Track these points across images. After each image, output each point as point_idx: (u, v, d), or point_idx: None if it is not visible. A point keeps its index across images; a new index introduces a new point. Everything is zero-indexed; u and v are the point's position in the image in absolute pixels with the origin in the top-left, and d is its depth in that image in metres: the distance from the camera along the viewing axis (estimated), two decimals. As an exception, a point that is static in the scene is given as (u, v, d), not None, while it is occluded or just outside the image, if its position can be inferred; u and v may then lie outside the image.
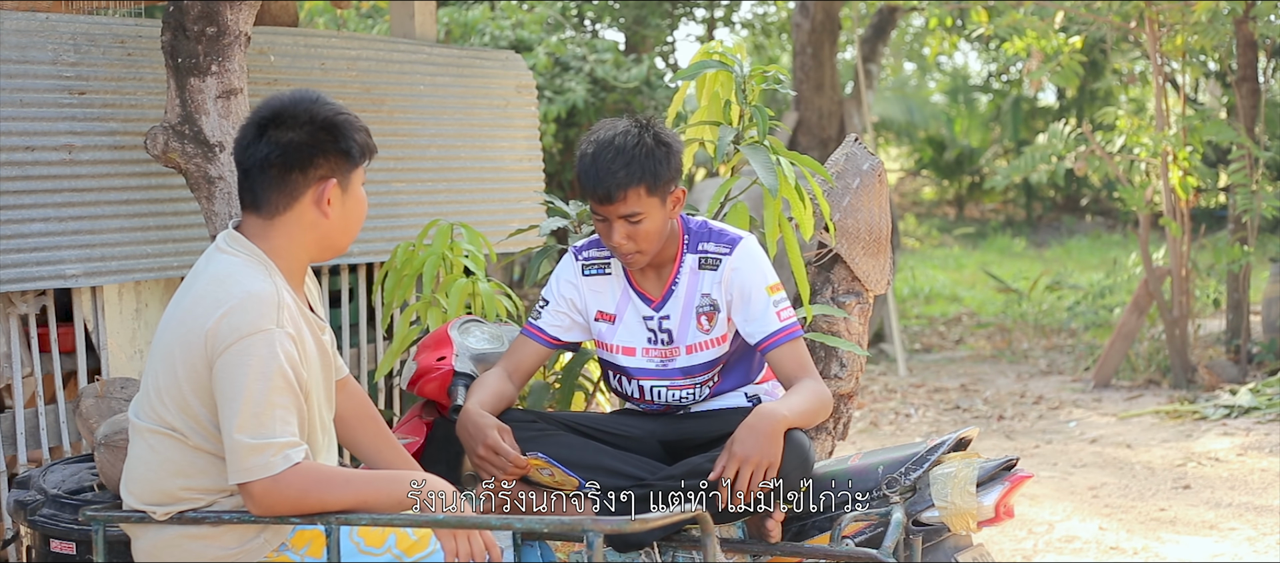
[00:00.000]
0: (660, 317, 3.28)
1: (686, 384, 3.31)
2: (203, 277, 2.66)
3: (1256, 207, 7.99)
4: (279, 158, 2.65)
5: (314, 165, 2.67)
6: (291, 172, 2.66)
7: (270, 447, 2.52)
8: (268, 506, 2.55)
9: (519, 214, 5.54)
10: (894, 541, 2.91)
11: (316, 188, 2.68)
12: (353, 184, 2.73)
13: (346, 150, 2.69)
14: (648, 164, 3.09)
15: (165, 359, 2.62)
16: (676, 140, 3.20)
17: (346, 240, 2.77)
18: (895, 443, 6.60)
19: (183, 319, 2.61)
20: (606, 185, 3.08)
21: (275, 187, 2.67)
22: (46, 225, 4.11)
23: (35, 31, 4.17)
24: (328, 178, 2.68)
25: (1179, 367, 8.38)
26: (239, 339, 2.53)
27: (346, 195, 2.72)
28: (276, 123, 2.67)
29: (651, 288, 3.30)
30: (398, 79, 5.26)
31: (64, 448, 4.27)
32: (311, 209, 2.69)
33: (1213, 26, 8.18)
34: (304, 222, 2.70)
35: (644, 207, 3.11)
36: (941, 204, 21.77)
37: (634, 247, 3.16)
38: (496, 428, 3.09)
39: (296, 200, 2.68)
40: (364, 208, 2.79)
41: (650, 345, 3.30)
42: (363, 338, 5.16)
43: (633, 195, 3.09)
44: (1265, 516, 5.48)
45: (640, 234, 3.14)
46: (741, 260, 3.23)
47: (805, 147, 10.87)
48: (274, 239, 2.69)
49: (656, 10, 13.20)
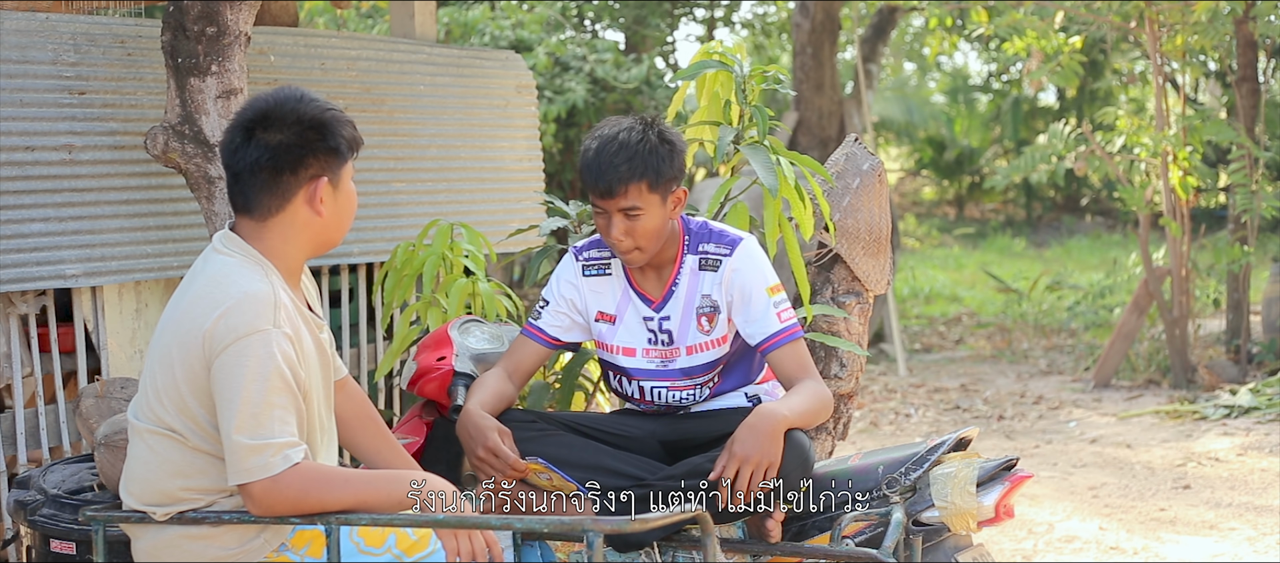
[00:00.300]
0: (660, 317, 3.28)
1: (687, 385, 3.31)
2: (200, 278, 2.65)
3: (1256, 207, 7.99)
4: (269, 161, 2.64)
5: (304, 165, 2.66)
6: (282, 174, 2.65)
7: (269, 447, 2.52)
8: (267, 506, 2.55)
9: (519, 214, 5.54)
10: (894, 541, 2.91)
11: (308, 188, 2.68)
12: (343, 179, 2.73)
13: (335, 147, 2.69)
14: (650, 160, 3.10)
15: (163, 361, 2.62)
16: (680, 140, 3.21)
17: (340, 235, 2.78)
18: (895, 443, 6.60)
19: (180, 321, 2.61)
20: (608, 179, 3.09)
21: (267, 189, 2.66)
22: (46, 225, 4.11)
23: (35, 31, 4.16)
24: (319, 177, 2.68)
25: (1179, 367, 8.38)
26: (236, 340, 2.53)
27: (338, 191, 2.72)
28: (263, 124, 2.66)
29: (652, 289, 3.30)
30: (398, 79, 5.26)
31: (64, 448, 4.26)
32: (304, 209, 2.69)
33: (1213, 26, 8.18)
34: (298, 221, 2.69)
35: (644, 202, 3.12)
36: (941, 204, 21.78)
37: (632, 243, 3.16)
38: (496, 431, 3.09)
39: (289, 201, 2.68)
40: (355, 201, 2.79)
41: (650, 346, 3.30)
42: (363, 338, 5.16)
43: (633, 190, 3.10)
44: (1265, 516, 5.48)
45: (639, 231, 3.14)
46: (742, 261, 3.23)
47: (805, 147, 10.86)
48: (269, 240, 2.69)
49: (656, 10, 13.21)
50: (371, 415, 3.03)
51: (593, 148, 3.14)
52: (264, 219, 2.69)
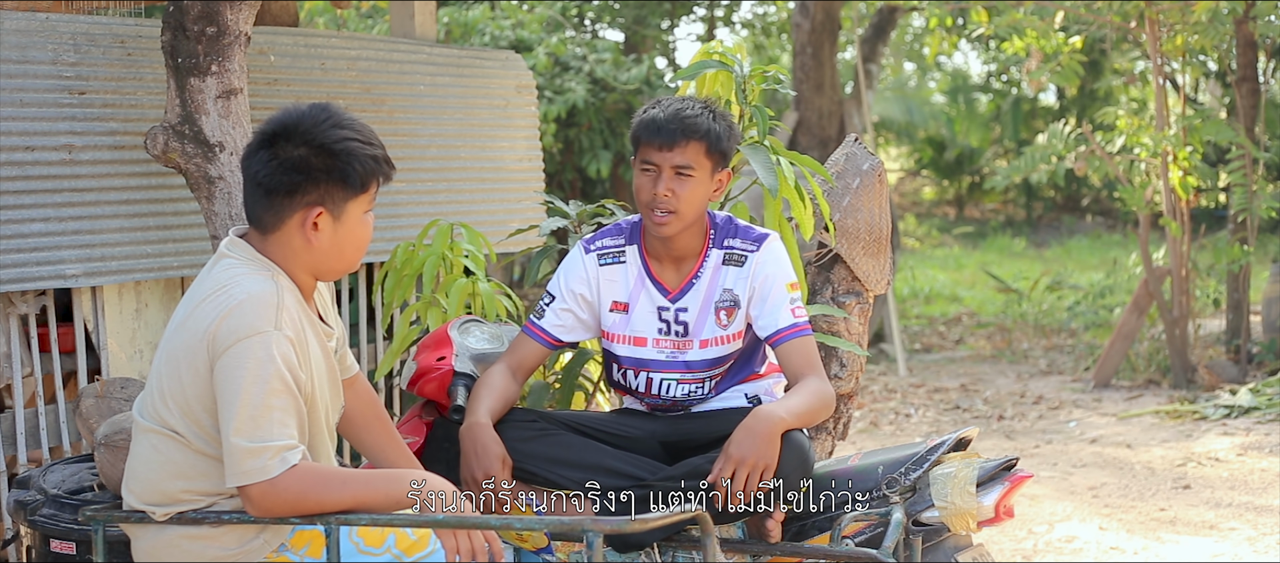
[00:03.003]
0: (677, 308, 3.28)
1: (693, 379, 3.31)
2: (206, 282, 2.66)
3: (1256, 207, 7.99)
4: (266, 178, 2.63)
5: (301, 191, 2.63)
6: (276, 194, 2.63)
7: (267, 450, 2.52)
8: (266, 508, 2.54)
9: (519, 214, 5.54)
10: (894, 541, 2.91)
11: (303, 213, 2.64)
12: (348, 212, 2.68)
13: (343, 178, 2.64)
14: (714, 127, 3.18)
15: (170, 362, 2.62)
16: (738, 129, 3.31)
17: (341, 266, 2.73)
18: (895, 443, 6.60)
19: (186, 323, 2.62)
20: (671, 129, 3.14)
21: (263, 206, 2.66)
22: (46, 225, 4.11)
23: (35, 31, 4.17)
24: (316, 205, 2.64)
25: (1179, 367, 8.38)
26: (236, 341, 2.53)
27: (339, 224, 2.68)
28: (280, 139, 2.63)
29: (670, 279, 3.31)
30: (398, 79, 5.26)
31: (64, 448, 4.27)
32: (298, 233, 2.66)
33: (1213, 26, 8.18)
34: (293, 244, 2.67)
35: (697, 165, 3.16)
36: (941, 204, 21.78)
37: (674, 204, 3.17)
38: (500, 459, 3.10)
39: (283, 222, 2.66)
40: (363, 237, 2.73)
41: (661, 336, 3.30)
42: (363, 338, 5.16)
43: (692, 148, 3.15)
44: (1265, 516, 5.48)
45: (684, 194, 3.16)
46: (767, 256, 3.26)
47: (805, 147, 10.86)
48: (270, 252, 2.69)
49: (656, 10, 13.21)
50: (380, 414, 3.03)
51: (658, 103, 3.22)
52: (264, 234, 2.69)
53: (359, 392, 3.01)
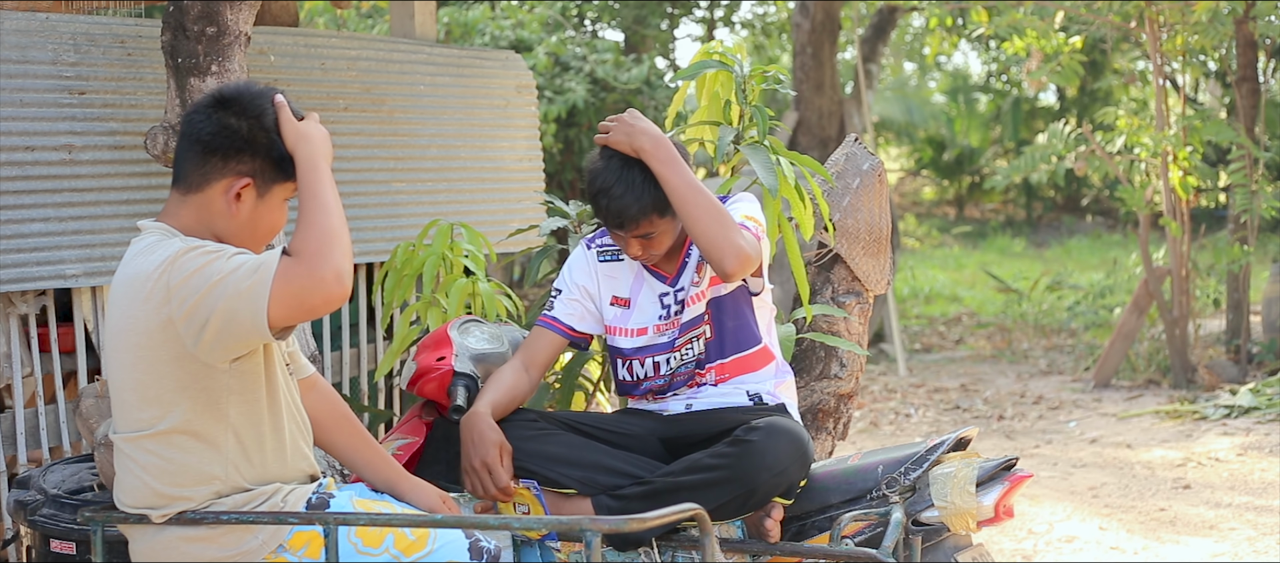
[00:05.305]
0: (676, 290, 3.33)
1: (685, 341, 3.31)
2: (129, 265, 2.62)
3: (1256, 207, 7.99)
4: (208, 136, 2.63)
5: (237, 158, 2.63)
6: (212, 155, 2.63)
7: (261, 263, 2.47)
8: (310, 270, 2.45)
9: (519, 214, 5.54)
10: (894, 541, 2.91)
11: (231, 180, 2.63)
12: (272, 195, 2.68)
13: (278, 159, 2.65)
14: (656, 192, 3.18)
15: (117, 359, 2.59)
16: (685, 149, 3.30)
17: (249, 245, 2.68)
18: (895, 443, 6.60)
19: (122, 305, 2.58)
20: (620, 219, 3.21)
21: (195, 163, 2.64)
22: (46, 225, 4.11)
23: (35, 31, 4.17)
24: (246, 176, 2.64)
25: (1179, 367, 8.38)
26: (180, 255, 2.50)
27: (260, 203, 2.67)
28: (230, 105, 2.65)
29: (666, 266, 3.35)
30: (398, 79, 5.26)
31: (64, 448, 4.27)
32: (220, 198, 2.64)
33: (1213, 26, 8.19)
34: (212, 208, 2.65)
35: (656, 228, 3.23)
36: (941, 204, 21.78)
37: (651, 254, 3.28)
38: (498, 446, 3.11)
39: (208, 184, 2.64)
40: (278, 221, 2.72)
41: (661, 320, 3.32)
42: (363, 338, 5.16)
43: (644, 223, 3.21)
44: (1265, 516, 5.48)
45: (656, 246, 3.27)
46: (735, 200, 3.33)
47: (805, 147, 10.86)
48: (184, 217, 2.65)
49: (656, 10, 13.22)
50: (345, 415, 2.99)
51: (598, 189, 3.21)
52: (185, 193, 2.66)
53: (322, 394, 2.97)
